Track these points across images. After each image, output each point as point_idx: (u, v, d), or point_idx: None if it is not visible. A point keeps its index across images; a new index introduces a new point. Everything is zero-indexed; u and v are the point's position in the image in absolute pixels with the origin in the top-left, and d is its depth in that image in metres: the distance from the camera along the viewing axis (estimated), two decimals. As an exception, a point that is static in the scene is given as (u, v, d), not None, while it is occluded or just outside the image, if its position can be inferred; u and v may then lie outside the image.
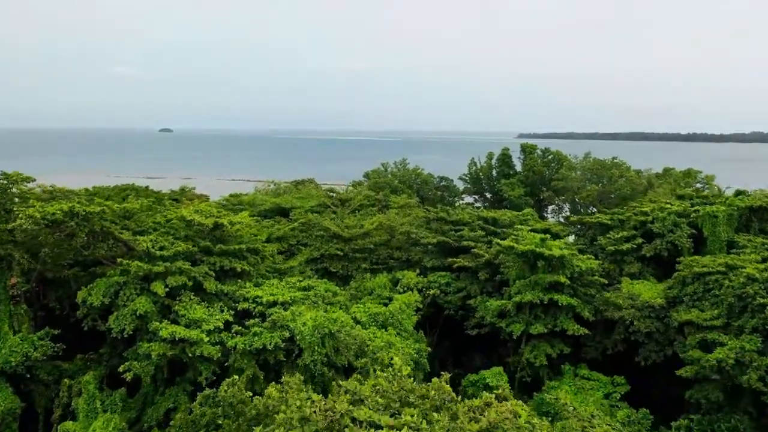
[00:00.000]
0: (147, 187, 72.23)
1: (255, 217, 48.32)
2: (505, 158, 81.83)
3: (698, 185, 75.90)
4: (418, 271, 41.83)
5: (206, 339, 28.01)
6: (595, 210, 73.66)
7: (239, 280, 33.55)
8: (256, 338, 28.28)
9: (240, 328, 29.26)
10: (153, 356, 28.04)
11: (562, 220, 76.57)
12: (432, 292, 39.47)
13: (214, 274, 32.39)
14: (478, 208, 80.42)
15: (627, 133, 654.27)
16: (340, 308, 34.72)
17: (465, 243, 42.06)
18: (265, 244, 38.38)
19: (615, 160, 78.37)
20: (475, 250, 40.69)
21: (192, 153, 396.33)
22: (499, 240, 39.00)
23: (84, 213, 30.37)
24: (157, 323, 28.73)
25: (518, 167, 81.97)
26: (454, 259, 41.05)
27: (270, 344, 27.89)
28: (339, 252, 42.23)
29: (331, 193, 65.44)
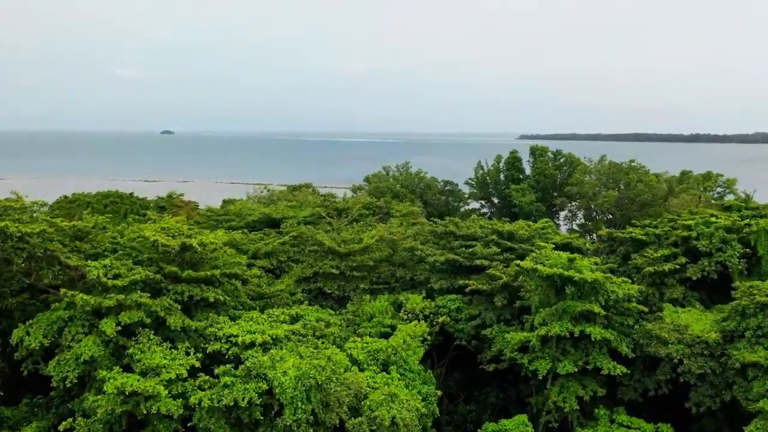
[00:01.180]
0: (132, 194, 67.06)
1: (242, 230, 43.06)
2: (514, 161, 76.92)
3: (719, 189, 70.79)
4: (424, 293, 36.55)
5: (165, 392, 22.51)
6: (611, 216, 68.61)
7: (212, 312, 28.03)
8: (227, 391, 22.71)
9: (207, 377, 23.75)
10: (99, 413, 22.64)
11: (576, 227, 71.54)
12: (441, 319, 34.02)
13: (180, 307, 26.85)
14: (485, 214, 75.50)
15: (631, 134, 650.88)
16: (334, 343, 29.38)
17: (478, 261, 36.58)
18: (247, 266, 32.93)
19: (632, 164, 73.12)
20: (490, 270, 35.21)
21: (191, 155, 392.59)
22: (518, 260, 33.48)
23: (20, 234, 24.95)
24: (105, 371, 23.28)
25: (527, 170, 76.91)
26: (466, 281, 35.55)
27: (243, 399, 22.39)
28: (334, 270, 37.04)
29: (328, 201, 59.94)
